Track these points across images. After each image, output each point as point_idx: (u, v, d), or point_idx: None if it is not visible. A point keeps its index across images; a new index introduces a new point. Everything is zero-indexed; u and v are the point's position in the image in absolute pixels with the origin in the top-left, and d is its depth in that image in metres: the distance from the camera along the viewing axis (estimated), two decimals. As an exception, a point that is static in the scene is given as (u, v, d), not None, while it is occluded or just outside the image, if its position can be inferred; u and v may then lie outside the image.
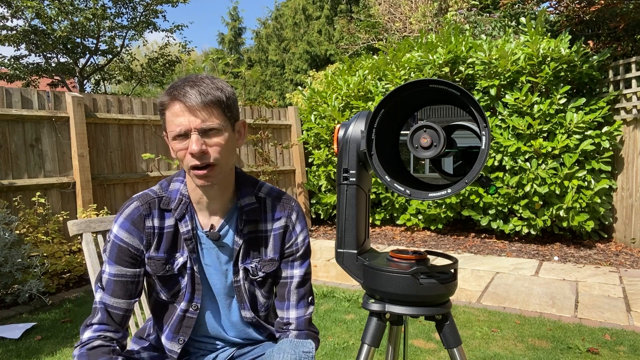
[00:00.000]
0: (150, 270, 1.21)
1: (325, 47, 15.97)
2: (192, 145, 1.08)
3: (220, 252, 1.24)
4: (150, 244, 1.20)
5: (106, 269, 1.19)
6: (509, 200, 4.96)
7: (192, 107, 1.08)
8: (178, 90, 1.10)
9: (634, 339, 2.75)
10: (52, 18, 9.69)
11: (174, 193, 1.22)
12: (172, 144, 1.13)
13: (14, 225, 3.57)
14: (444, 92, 0.94)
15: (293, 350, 1.14)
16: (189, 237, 1.20)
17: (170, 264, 1.21)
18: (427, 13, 8.79)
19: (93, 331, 1.15)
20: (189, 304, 1.23)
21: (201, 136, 1.09)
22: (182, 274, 1.22)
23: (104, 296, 1.17)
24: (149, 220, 1.19)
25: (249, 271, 1.24)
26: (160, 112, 1.15)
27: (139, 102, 4.91)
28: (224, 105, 1.12)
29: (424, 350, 2.67)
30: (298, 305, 1.26)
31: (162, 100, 1.13)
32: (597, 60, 4.74)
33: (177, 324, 1.24)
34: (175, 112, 1.10)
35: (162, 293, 1.24)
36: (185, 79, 1.13)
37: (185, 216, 1.21)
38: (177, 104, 1.10)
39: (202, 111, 1.09)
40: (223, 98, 1.12)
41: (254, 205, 1.24)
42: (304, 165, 6.53)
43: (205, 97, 1.09)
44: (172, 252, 1.21)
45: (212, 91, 1.11)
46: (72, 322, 3.18)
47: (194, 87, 1.09)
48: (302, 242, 1.28)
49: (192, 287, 1.22)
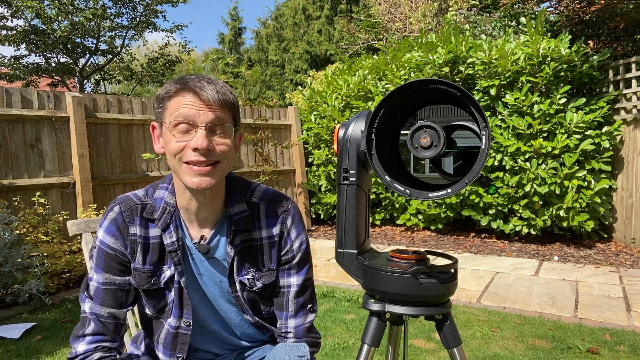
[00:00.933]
0: (134, 282, 1.14)
1: (325, 47, 15.98)
2: (199, 140, 1.02)
3: (212, 264, 1.17)
4: (134, 253, 1.13)
5: (93, 276, 1.12)
6: (509, 200, 4.96)
7: (207, 100, 1.04)
8: (193, 82, 1.05)
9: (634, 339, 2.75)
10: (52, 18, 9.70)
11: (157, 201, 1.15)
12: (167, 134, 1.06)
13: (14, 225, 3.57)
14: (444, 92, 0.94)
15: (287, 356, 1.11)
16: (174, 249, 1.13)
17: (157, 277, 1.14)
18: (427, 13, 8.80)
19: (88, 343, 1.09)
20: (179, 320, 1.16)
21: (208, 133, 1.05)
22: (168, 287, 1.15)
23: (93, 306, 1.10)
24: (132, 227, 1.13)
25: (245, 284, 1.18)
26: (160, 99, 1.08)
27: (139, 102, 4.91)
28: (235, 110, 1.10)
29: (424, 350, 2.67)
30: (297, 315, 1.21)
31: (169, 88, 1.07)
32: (597, 60, 4.74)
33: (172, 342, 1.18)
34: (184, 102, 1.04)
35: (148, 307, 1.17)
36: (197, 75, 1.09)
37: (169, 226, 1.13)
38: (189, 94, 1.04)
39: (216, 108, 1.05)
40: (235, 103, 1.10)
41: (244, 213, 1.16)
42: (304, 165, 6.53)
43: (222, 96, 1.06)
44: (158, 265, 1.14)
45: (227, 93, 1.08)
46: (72, 322, 3.18)
47: (211, 84, 1.06)
48: (298, 249, 1.21)
49: (180, 302, 1.15)
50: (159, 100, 1.09)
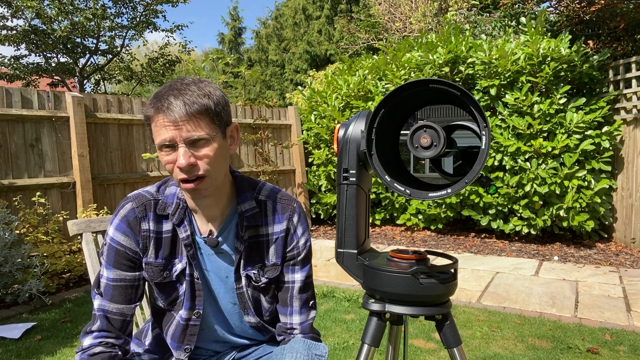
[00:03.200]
0: (147, 276, 1.17)
1: (325, 47, 15.98)
2: (180, 158, 1.03)
3: (220, 258, 1.20)
4: (146, 248, 1.15)
5: (104, 273, 1.15)
6: (509, 200, 4.96)
7: (175, 120, 1.02)
8: (162, 101, 1.04)
9: (634, 338, 2.75)
10: (52, 18, 9.69)
11: (170, 197, 1.17)
12: (160, 155, 1.09)
13: (14, 225, 3.57)
14: (444, 92, 0.94)
15: (306, 352, 1.12)
16: (189, 242, 1.16)
17: (168, 271, 1.17)
18: (427, 13, 8.80)
19: (93, 338, 1.12)
20: (190, 312, 1.19)
21: (189, 147, 1.04)
22: (180, 280, 1.18)
23: (102, 302, 1.13)
24: (144, 223, 1.15)
25: (251, 278, 1.20)
26: (147, 123, 1.09)
27: (139, 102, 4.91)
28: (212, 114, 1.06)
29: (424, 350, 2.67)
30: (301, 311, 1.23)
31: (147, 113, 1.07)
32: (597, 60, 4.74)
33: (181, 333, 1.20)
34: (159, 125, 1.04)
35: (160, 300, 1.20)
36: (169, 87, 1.07)
37: (184, 221, 1.16)
38: (160, 116, 1.04)
39: (187, 123, 1.03)
40: (211, 105, 1.06)
41: (254, 210, 1.19)
42: (304, 165, 6.53)
43: (190, 107, 1.03)
44: (170, 258, 1.17)
45: (198, 99, 1.04)
46: (72, 322, 3.18)
47: (179, 97, 1.03)
48: (303, 246, 1.24)
49: (192, 294, 1.18)
50: (147, 123, 1.10)
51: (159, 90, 1.08)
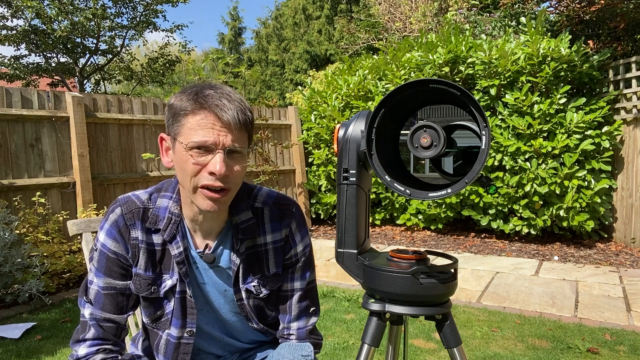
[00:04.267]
0: (133, 287, 1.10)
1: (325, 47, 15.98)
2: (217, 165, 0.97)
3: (217, 272, 1.14)
4: (136, 257, 1.09)
5: (94, 280, 1.09)
6: (509, 200, 4.96)
7: (228, 123, 0.97)
8: (212, 99, 0.97)
9: (634, 338, 2.75)
10: (52, 18, 9.70)
11: (161, 211, 1.10)
12: (183, 154, 0.99)
13: (14, 225, 3.57)
14: (444, 91, 0.94)
15: (292, 355, 1.11)
16: (182, 259, 1.09)
17: (157, 286, 1.10)
18: (427, 13, 8.79)
19: (89, 346, 1.07)
20: (182, 330, 1.12)
21: (225, 157, 0.99)
22: (168, 297, 1.11)
23: (94, 311, 1.08)
24: (134, 231, 1.08)
25: (251, 292, 1.15)
26: (175, 114, 1.00)
27: (139, 102, 4.91)
28: (250, 130, 1.04)
29: (424, 350, 2.67)
30: (299, 318, 1.21)
31: (185, 104, 0.99)
32: (597, 60, 4.74)
33: (173, 352, 1.14)
34: (203, 123, 0.97)
35: (144, 315, 1.14)
36: (211, 87, 1.00)
37: (176, 237, 1.09)
38: (209, 114, 0.97)
39: (236, 131, 0.99)
40: (253, 121, 1.04)
41: (250, 221, 1.13)
42: (304, 165, 6.53)
43: (243, 117, 0.99)
44: (160, 273, 1.10)
45: (246, 112, 1.00)
46: (72, 322, 3.18)
47: (232, 102, 0.98)
48: (302, 252, 1.19)
49: (183, 311, 1.12)
50: (174, 114, 1.01)
51: (194, 86, 1.02)
